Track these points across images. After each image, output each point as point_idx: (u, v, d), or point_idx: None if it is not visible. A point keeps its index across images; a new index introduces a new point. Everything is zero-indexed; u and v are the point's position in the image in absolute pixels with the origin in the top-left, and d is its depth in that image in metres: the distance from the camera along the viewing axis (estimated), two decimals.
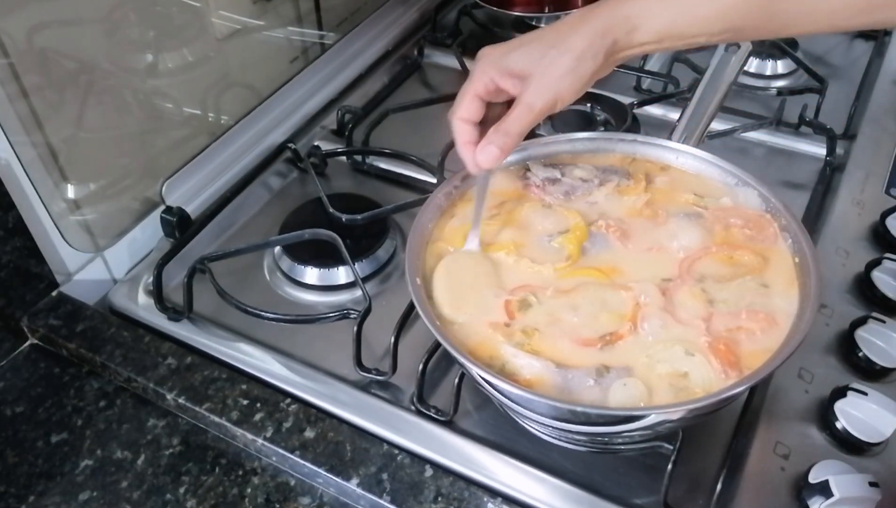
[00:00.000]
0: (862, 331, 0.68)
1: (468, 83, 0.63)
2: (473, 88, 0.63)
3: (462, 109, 0.63)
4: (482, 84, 0.62)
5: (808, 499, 0.58)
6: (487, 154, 0.62)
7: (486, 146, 0.62)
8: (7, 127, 0.68)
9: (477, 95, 0.63)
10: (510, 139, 0.62)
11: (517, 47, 0.62)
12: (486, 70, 0.62)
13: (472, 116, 0.63)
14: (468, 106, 0.63)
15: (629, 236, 0.67)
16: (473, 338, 0.60)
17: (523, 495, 0.60)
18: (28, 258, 0.74)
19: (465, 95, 0.63)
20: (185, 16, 0.84)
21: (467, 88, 0.63)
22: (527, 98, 0.60)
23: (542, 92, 0.60)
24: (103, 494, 0.63)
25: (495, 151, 0.62)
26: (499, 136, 0.62)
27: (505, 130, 0.61)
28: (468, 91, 0.63)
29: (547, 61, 0.60)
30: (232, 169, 0.90)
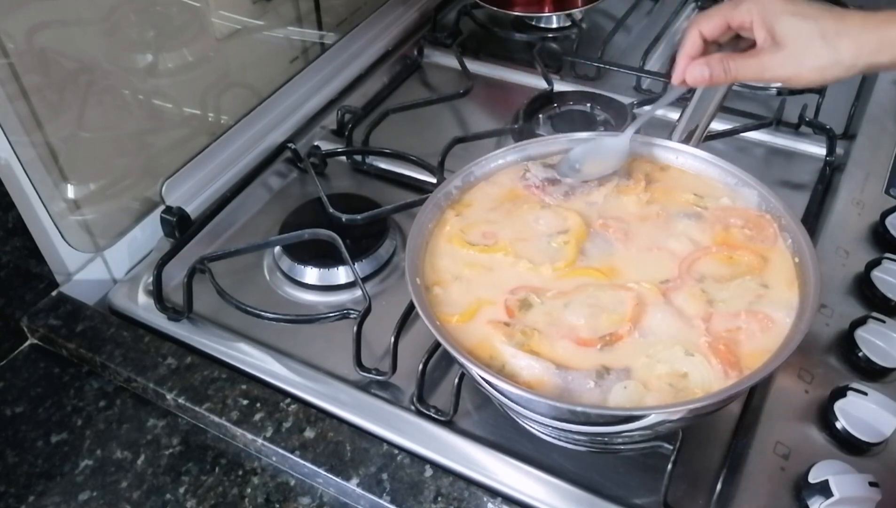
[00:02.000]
0: (862, 331, 0.68)
1: (729, 8, 0.64)
2: (731, 16, 0.64)
3: (709, 24, 0.65)
4: (738, 17, 0.63)
5: (808, 499, 0.58)
6: (698, 74, 0.64)
7: (701, 66, 0.64)
8: (7, 127, 0.68)
9: (725, 20, 0.64)
10: (726, 77, 0.63)
11: (792, 13, 0.61)
12: (752, 11, 0.62)
13: (711, 35, 0.65)
14: (715, 26, 0.64)
15: (629, 237, 0.67)
16: (473, 338, 0.60)
17: (523, 495, 0.60)
18: (28, 258, 0.74)
19: (718, 16, 0.64)
20: (185, 16, 0.84)
21: (725, 12, 0.64)
22: (769, 62, 0.61)
23: (785, 69, 0.61)
24: (103, 494, 0.63)
25: (706, 76, 0.64)
26: (719, 66, 0.63)
27: (727, 67, 0.63)
28: (723, 15, 0.64)
29: (811, 49, 0.60)
30: (232, 169, 0.90)
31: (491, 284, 0.64)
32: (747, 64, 0.62)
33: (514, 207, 0.70)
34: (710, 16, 0.65)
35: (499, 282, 0.64)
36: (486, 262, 0.66)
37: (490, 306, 0.62)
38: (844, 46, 0.59)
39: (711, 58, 0.64)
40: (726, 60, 0.63)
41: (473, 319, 0.61)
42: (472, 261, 0.66)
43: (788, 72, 0.61)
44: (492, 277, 0.65)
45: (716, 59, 0.64)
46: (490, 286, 0.64)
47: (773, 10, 0.62)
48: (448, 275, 0.65)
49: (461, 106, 1.03)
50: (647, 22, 1.20)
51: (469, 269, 0.65)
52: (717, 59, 0.63)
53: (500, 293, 0.63)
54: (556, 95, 1.00)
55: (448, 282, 0.64)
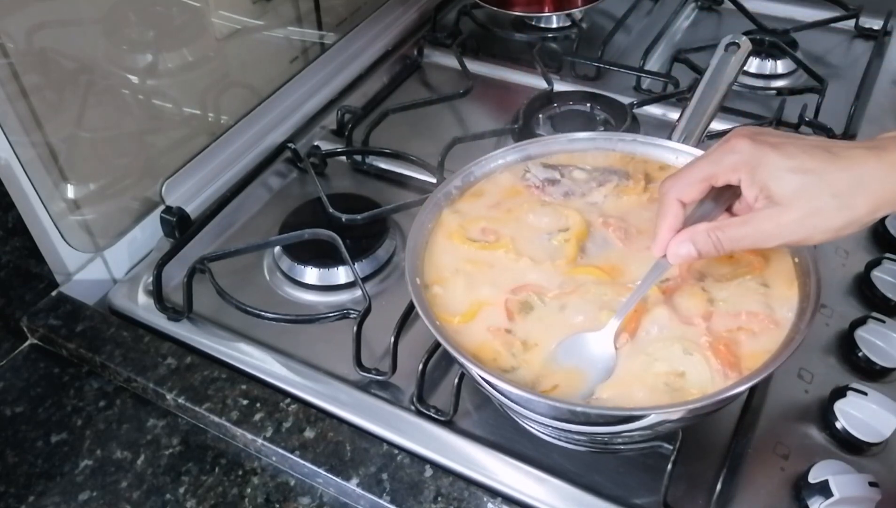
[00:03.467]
0: (862, 331, 0.68)
1: (709, 165, 0.55)
2: (715, 175, 0.54)
3: (688, 191, 0.55)
4: (722, 176, 0.54)
5: (808, 499, 0.58)
6: (682, 252, 0.55)
7: (686, 244, 0.55)
8: (7, 127, 0.68)
9: (706, 182, 0.55)
10: (716, 253, 0.54)
11: (791, 169, 0.51)
12: (739, 168, 0.53)
13: (692, 199, 0.56)
14: (697, 191, 0.55)
15: (629, 235, 0.67)
16: (474, 339, 0.60)
17: (523, 495, 0.60)
18: (28, 258, 0.74)
19: (699, 179, 0.55)
20: (185, 16, 0.84)
21: (706, 171, 0.55)
22: (771, 229, 0.52)
23: (792, 234, 0.52)
24: (103, 494, 0.63)
25: (692, 254, 0.55)
26: (707, 241, 0.54)
27: (717, 240, 0.54)
28: (706, 176, 0.55)
29: (821, 211, 0.50)
30: (232, 169, 0.90)
31: (491, 281, 0.64)
32: (742, 233, 0.53)
33: (515, 205, 0.70)
34: (688, 180, 0.55)
35: (499, 279, 0.64)
36: (487, 258, 0.66)
37: (490, 307, 0.62)
38: (860, 203, 0.50)
39: (695, 231, 0.55)
40: (714, 232, 0.54)
41: (474, 320, 0.61)
42: (472, 257, 0.66)
43: (797, 237, 0.52)
44: (492, 273, 0.65)
45: (701, 232, 0.54)
46: (490, 283, 0.64)
47: (765, 165, 0.52)
48: (448, 272, 0.65)
49: (461, 106, 1.03)
50: (647, 22, 1.20)
51: (470, 265, 0.65)
52: (702, 232, 0.54)
53: (501, 292, 0.63)
54: (556, 95, 1.00)
55: (448, 279, 0.64)
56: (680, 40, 1.17)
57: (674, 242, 0.56)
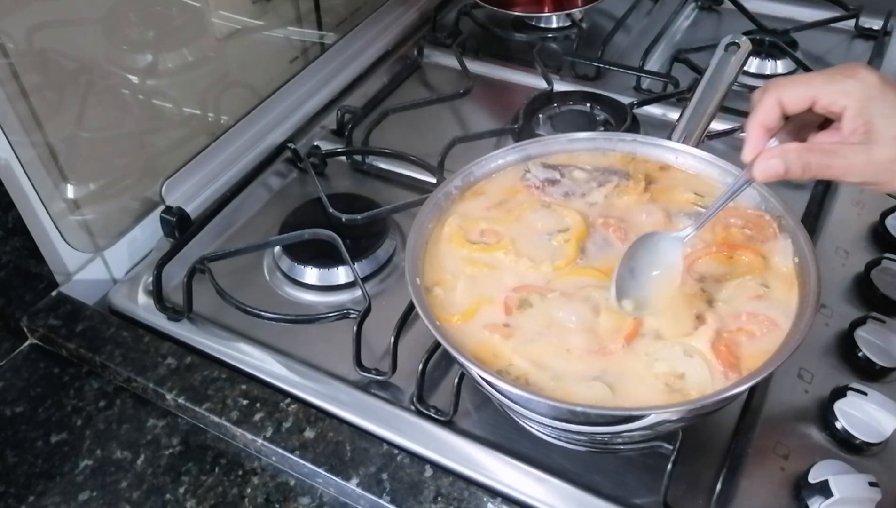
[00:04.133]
0: (862, 331, 0.68)
1: (822, 82, 0.53)
2: (821, 93, 0.53)
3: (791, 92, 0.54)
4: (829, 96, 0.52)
5: (808, 499, 0.58)
6: (772, 169, 0.54)
7: (775, 160, 0.54)
8: (7, 127, 0.68)
9: (812, 95, 0.53)
10: (804, 174, 0.53)
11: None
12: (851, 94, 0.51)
13: (791, 105, 0.54)
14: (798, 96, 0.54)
15: (629, 236, 0.67)
16: (474, 338, 0.60)
17: (523, 495, 0.60)
18: (28, 258, 0.74)
19: (805, 86, 0.53)
20: (185, 16, 0.84)
21: (815, 84, 0.53)
22: (862, 165, 0.51)
23: (877, 175, 0.51)
24: (103, 494, 0.63)
25: (780, 171, 0.53)
26: (798, 161, 0.53)
27: (807, 163, 0.52)
28: (812, 88, 0.53)
29: None
30: (232, 169, 0.90)
31: (492, 282, 0.64)
32: (832, 161, 0.52)
33: (515, 205, 0.70)
34: (795, 85, 0.54)
35: (499, 280, 0.64)
36: (487, 260, 0.66)
37: (489, 305, 0.62)
38: None
39: (786, 149, 0.53)
40: (805, 154, 0.53)
41: (473, 318, 0.61)
42: (472, 259, 0.66)
43: (881, 178, 0.51)
44: (493, 275, 0.65)
45: (793, 150, 0.53)
46: (491, 285, 0.64)
47: (882, 101, 0.50)
48: (448, 274, 0.65)
49: (461, 106, 1.03)
50: (646, 22, 1.20)
51: (470, 267, 0.65)
52: (794, 151, 0.53)
53: (501, 293, 0.63)
54: (556, 95, 1.00)
55: (448, 281, 0.64)
56: (680, 40, 1.17)
57: (764, 155, 0.54)
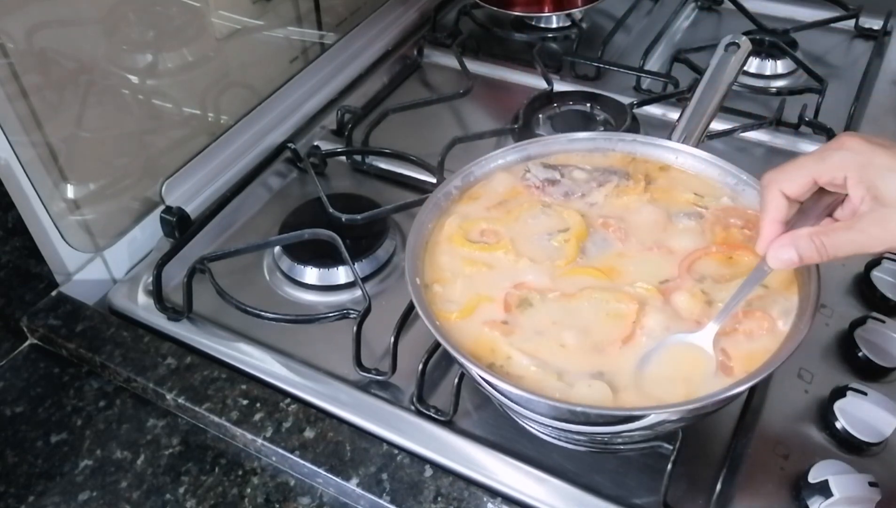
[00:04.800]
0: (861, 331, 0.68)
1: (815, 162, 0.53)
2: (820, 173, 0.53)
3: (792, 184, 0.54)
4: (830, 176, 0.52)
5: (808, 499, 0.58)
6: (784, 256, 0.54)
7: (788, 249, 0.54)
8: (7, 127, 0.68)
9: (810, 177, 0.53)
10: (821, 257, 0.53)
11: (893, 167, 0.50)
12: (846, 166, 0.51)
13: (797, 195, 0.54)
14: (801, 186, 0.54)
15: (629, 236, 0.67)
16: (472, 335, 0.60)
17: (523, 495, 0.60)
18: (28, 258, 0.74)
19: (804, 173, 0.53)
20: (185, 16, 0.84)
21: (811, 168, 0.53)
22: (877, 233, 0.50)
23: None
24: (103, 494, 0.63)
25: (793, 259, 0.53)
26: (810, 246, 0.53)
27: (820, 246, 0.52)
28: (810, 171, 0.53)
29: None
30: (232, 169, 0.90)
31: (491, 281, 0.64)
32: (848, 238, 0.51)
33: (515, 205, 0.70)
34: (791, 173, 0.54)
35: (499, 280, 0.64)
36: (487, 260, 0.66)
37: (489, 302, 0.62)
38: None
39: (798, 235, 0.53)
40: (818, 237, 0.52)
41: (472, 315, 0.61)
42: (472, 259, 0.66)
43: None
44: (492, 274, 0.65)
45: (803, 236, 0.53)
46: (490, 284, 0.64)
47: (876, 164, 0.50)
48: (448, 273, 0.65)
49: (461, 106, 1.03)
50: (646, 22, 1.20)
51: (469, 267, 0.65)
52: (805, 237, 0.53)
53: (501, 292, 0.63)
54: (555, 95, 1.00)
55: (448, 280, 0.64)
56: (680, 40, 1.17)
57: (775, 245, 0.54)
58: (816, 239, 0.53)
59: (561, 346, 0.59)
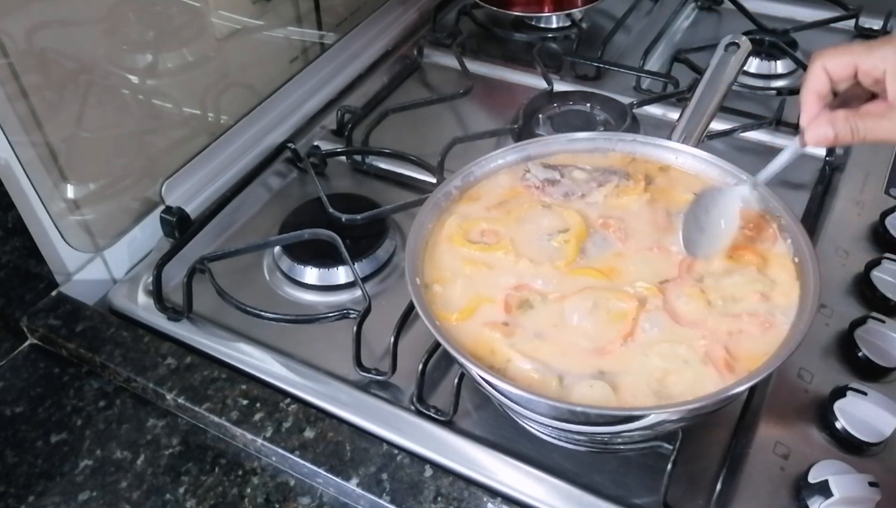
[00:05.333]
0: (861, 331, 0.68)
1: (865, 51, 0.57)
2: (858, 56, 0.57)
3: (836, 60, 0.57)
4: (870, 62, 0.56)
5: (808, 499, 0.58)
6: (822, 134, 0.58)
7: (825, 126, 0.57)
8: (7, 127, 0.68)
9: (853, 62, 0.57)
10: (853, 138, 0.57)
11: None
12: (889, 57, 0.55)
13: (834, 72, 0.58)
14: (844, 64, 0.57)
15: (629, 236, 0.67)
16: (472, 336, 0.60)
17: (523, 495, 0.60)
18: (27, 258, 0.74)
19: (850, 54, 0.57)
20: (185, 16, 0.84)
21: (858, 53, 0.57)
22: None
23: None
24: (103, 494, 0.63)
25: (830, 137, 0.57)
26: (846, 126, 0.56)
27: (854, 127, 0.56)
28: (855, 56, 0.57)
29: None
30: (232, 169, 0.90)
31: (491, 282, 0.64)
32: (880, 125, 0.56)
33: (515, 206, 0.70)
34: (837, 54, 0.57)
35: (499, 280, 0.64)
36: (487, 260, 0.66)
37: (489, 303, 0.62)
38: None
39: (835, 116, 0.57)
40: (853, 119, 0.56)
41: (472, 317, 0.61)
42: (472, 259, 0.66)
43: None
44: (492, 275, 0.65)
45: (841, 117, 0.57)
46: (490, 285, 0.64)
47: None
48: (448, 273, 0.65)
49: (461, 106, 1.03)
50: (646, 22, 1.20)
51: (469, 267, 0.65)
52: (842, 118, 0.57)
53: (501, 292, 0.63)
54: (555, 95, 1.00)
55: (448, 280, 0.64)
56: (680, 40, 1.17)
57: (814, 123, 0.58)
58: (851, 120, 0.56)
59: (561, 346, 0.59)
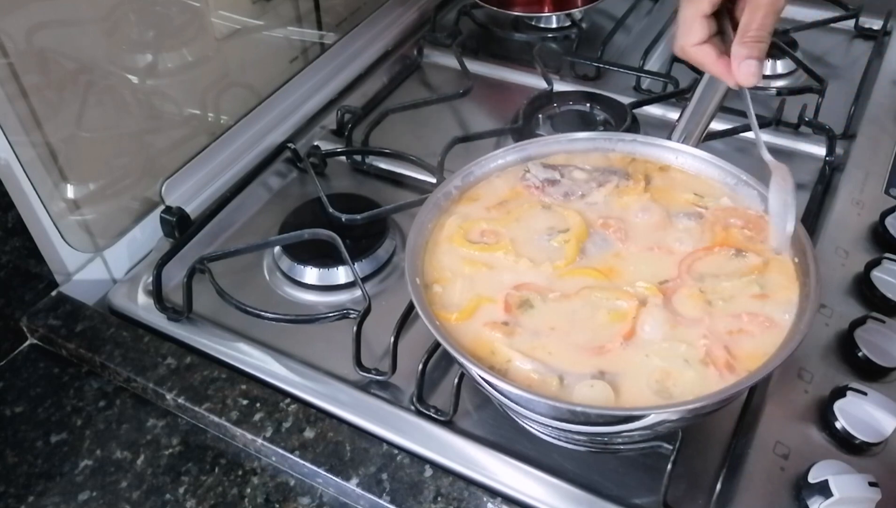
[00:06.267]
0: (861, 331, 0.68)
1: (689, 4, 0.61)
2: (699, 8, 0.60)
3: (692, 34, 0.61)
4: (708, 2, 0.60)
5: (808, 499, 0.58)
6: (748, 69, 0.59)
7: (744, 62, 0.59)
8: (6, 127, 0.68)
9: (703, 15, 0.60)
10: (763, 45, 0.58)
11: None
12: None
13: (704, 36, 0.61)
14: (699, 29, 0.61)
15: (629, 236, 0.67)
16: (472, 336, 0.60)
17: (523, 495, 0.60)
18: (27, 258, 0.74)
19: (691, 20, 0.61)
20: (185, 16, 0.84)
21: (691, 11, 0.61)
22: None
23: None
24: (103, 494, 0.63)
25: (754, 64, 0.59)
26: (750, 46, 0.58)
27: (755, 36, 0.58)
28: (693, 14, 0.60)
29: None
30: (231, 169, 0.90)
31: (491, 282, 0.64)
32: (759, 16, 0.58)
33: (515, 206, 0.70)
34: (686, 29, 0.62)
35: (499, 280, 0.64)
36: (487, 260, 0.66)
37: (489, 303, 0.62)
38: None
39: (736, 51, 0.59)
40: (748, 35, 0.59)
41: (472, 317, 0.61)
42: (472, 259, 0.66)
43: None
44: (492, 275, 0.65)
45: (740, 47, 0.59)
46: (490, 285, 0.64)
47: None
48: (448, 273, 0.65)
49: (461, 106, 1.03)
50: (646, 22, 1.20)
51: (469, 267, 0.65)
52: (741, 46, 0.59)
53: (501, 292, 0.63)
54: (555, 95, 1.00)
55: (448, 280, 0.64)
56: None
57: (737, 71, 0.60)
58: (747, 39, 0.59)
59: (562, 346, 0.59)
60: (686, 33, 0.62)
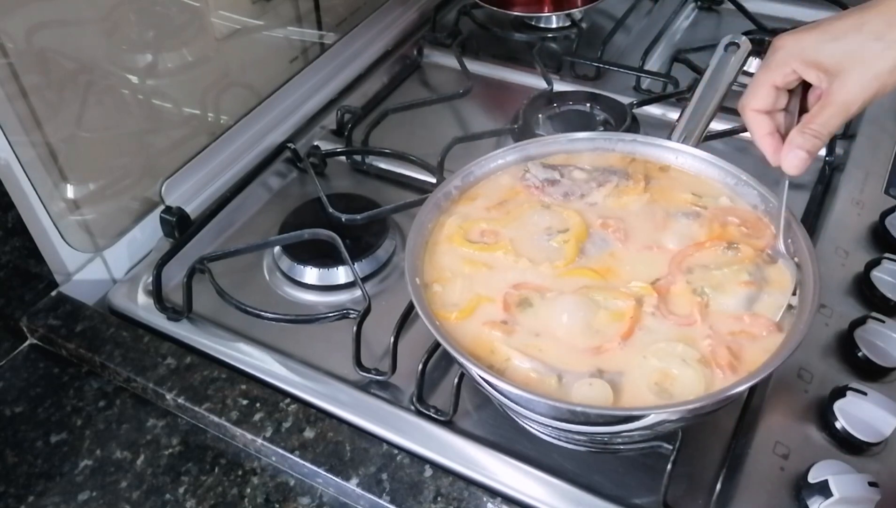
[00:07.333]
0: (861, 331, 0.68)
1: (765, 71, 0.60)
2: (772, 77, 0.59)
3: (757, 99, 0.60)
4: (781, 75, 0.59)
5: (808, 499, 0.58)
6: (796, 159, 0.58)
7: (794, 151, 0.58)
8: (6, 127, 0.68)
9: (774, 86, 0.60)
10: (821, 141, 0.58)
11: (829, 39, 0.56)
12: (788, 60, 0.58)
13: (768, 106, 0.60)
14: (765, 96, 0.60)
15: (628, 236, 0.67)
16: (472, 335, 0.60)
17: (523, 495, 0.60)
18: (27, 258, 0.74)
19: (761, 85, 0.60)
20: (185, 16, 0.84)
21: (763, 78, 0.60)
22: (842, 96, 0.56)
23: (863, 89, 0.55)
24: (103, 494, 0.63)
25: (803, 156, 0.58)
26: (807, 138, 0.58)
27: (816, 131, 0.57)
28: (765, 81, 0.60)
29: (869, 55, 0.55)
30: (231, 169, 0.90)
31: (490, 282, 0.64)
32: (829, 114, 0.57)
33: (515, 206, 0.70)
34: (753, 91, 0.60)
35: (498, 280, 0.64)
36: (486, 260, 0.66)
37: (489, 302, 0.62)
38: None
39: (792, 139, 0.59)
40: (807, 128, 0.58)
41: (472, 316, 0.61)
42: (471, 259, 0.66)
43: (871, 91, 0.55)
44: (491, 275, 0.65)
45: (797, 135, 0.58)
46: (490, 284, 0.64)
47: (808, 46, 0.57)
48: (448, 272, 0.65)
49: (461, 106, 1.03)
50: (646, 22, 1.20)
51: (469, 267, 0.65)
52: (799, 136, 0.58)
53: (500, 292, 0.63)
54: (555, 95, 1.00)
55: (447, 280, 0.64)
56: (680, 40, 1.17)
57: (782, 156, 0.59)
58: (807, 130, 0.58)
59: (560, 346, 0.59)
60: (752, 95, 0.61)
